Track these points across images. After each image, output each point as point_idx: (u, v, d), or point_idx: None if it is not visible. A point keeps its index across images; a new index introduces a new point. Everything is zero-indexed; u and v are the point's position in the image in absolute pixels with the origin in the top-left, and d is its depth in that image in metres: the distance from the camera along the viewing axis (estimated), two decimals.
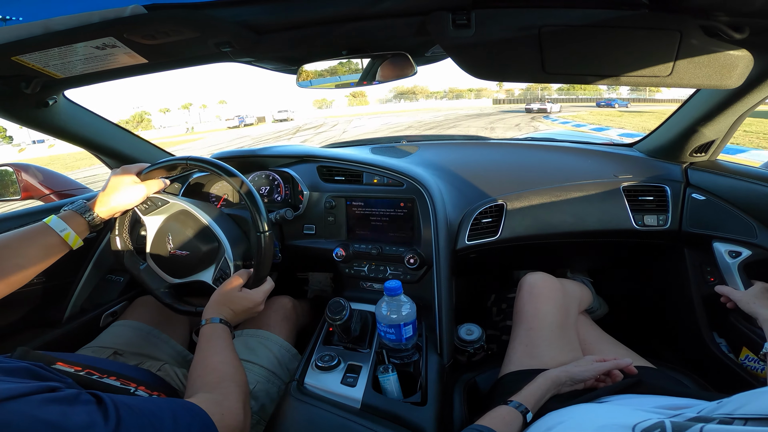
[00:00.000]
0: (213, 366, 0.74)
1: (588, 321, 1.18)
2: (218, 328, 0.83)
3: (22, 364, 0.51)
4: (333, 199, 1.26)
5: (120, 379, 0.68)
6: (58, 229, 0.79)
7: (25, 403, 0.41)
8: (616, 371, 0.85)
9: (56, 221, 0.80)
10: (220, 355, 0.77)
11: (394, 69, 0.99)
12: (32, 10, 0.65)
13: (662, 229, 1.25)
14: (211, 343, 0.79)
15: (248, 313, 0.92)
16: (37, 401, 0.42)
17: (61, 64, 0.86)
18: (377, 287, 1.21)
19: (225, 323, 0.85)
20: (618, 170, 1.37)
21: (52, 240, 0.79)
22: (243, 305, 0.90)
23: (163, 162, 0.95)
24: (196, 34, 0.76)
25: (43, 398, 0.43)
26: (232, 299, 0.89)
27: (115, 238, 1.02)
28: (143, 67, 0.93)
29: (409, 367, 0.89)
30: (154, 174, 0.96)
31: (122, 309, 1.26)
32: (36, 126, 1.17)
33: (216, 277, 0.98)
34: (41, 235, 0.78)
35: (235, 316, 0.89)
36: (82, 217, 0.84)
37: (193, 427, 0.55)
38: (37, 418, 0.41)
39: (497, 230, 1.24)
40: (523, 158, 1.54)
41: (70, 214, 0.83)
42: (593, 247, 1.51)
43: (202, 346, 0.79)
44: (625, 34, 0.70)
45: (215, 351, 0.77)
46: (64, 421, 0.42)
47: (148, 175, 0.96)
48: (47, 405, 0.43)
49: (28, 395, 0.42)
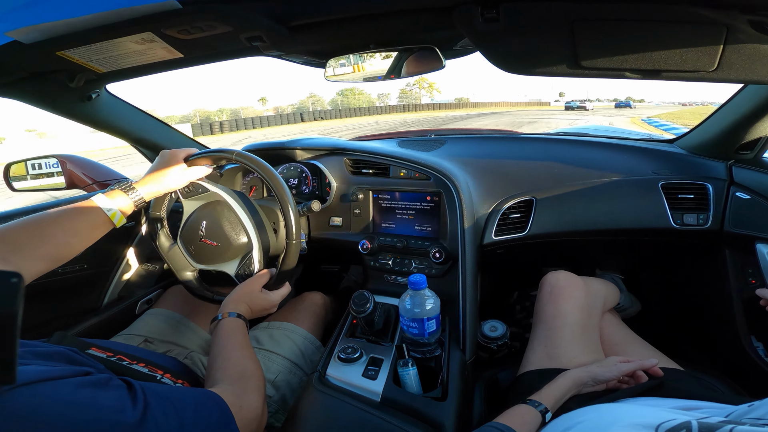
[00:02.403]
0: (235, 360, 0.76)
1: (615, 320, 1.14)
2: (239, 323, 0.85)
3: (58, 348, 0.53)
4: (360, 191, 1.27)
5: (148, 366, 0.70)
6: (104, 207, 0.80)
7: (59, 386, 0.43)
8: (640, 372, 0.82)
9: (102, 198, 0.81)
10: (241, 350, 0.79)
11: (422, 63, 0.98)
12: (75, 7, 0.68)
13: (702, 229, 1.19)
14: (232, 338, 0.81)
15: (262, 313, 0.95)
16: (71, 384, 0.44)
17: (103, 59, 0.91)
18: (401, 281, 1.21)
19: (243, 319, 0.88)
20: (657, 167, 1.31)
21: (97, 217, 0.79)
22: (261, 305, 0.93)
23: (211, 151, 0.97)
24: (228, 28, 0.78)
25: (77, 381, 0.45)
26: (252, 297, 0.92)
27: (153, 215, 1.05)
28: (179, 61, 0.96)
29: (430, 362, 0.89)
30: (200, 161, 0.97)
31: (157, 297, 1.31)
32: (80, 119, 1.23)
33: (238, 272, 1.00)
34: (87, 211, 0.78)
35: (251, 314, 0.92)
36: (127, 195, 0.85)
37: (212, 416, 0.57)
38: (70, 400, 0.43)
39: (526, 226, 1.22)
40: (554, 153, 1.50)
41: (116, 193, 0.84)
42: (627, 246, 1.46)
43: (223, 339, 0.81)
44: (666, 27, 0.66)
45: (237, 346, 0.79)
46: (95, 404, 0.44)
47: (194, 162, 0.97)
48: (80, 388, 0.45)
49: (62, 378, 0.44)
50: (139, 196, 0.87)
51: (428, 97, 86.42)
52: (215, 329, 0.84)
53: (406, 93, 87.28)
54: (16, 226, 0.69)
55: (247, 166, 0.94)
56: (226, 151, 0.96)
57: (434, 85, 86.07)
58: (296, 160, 1.40)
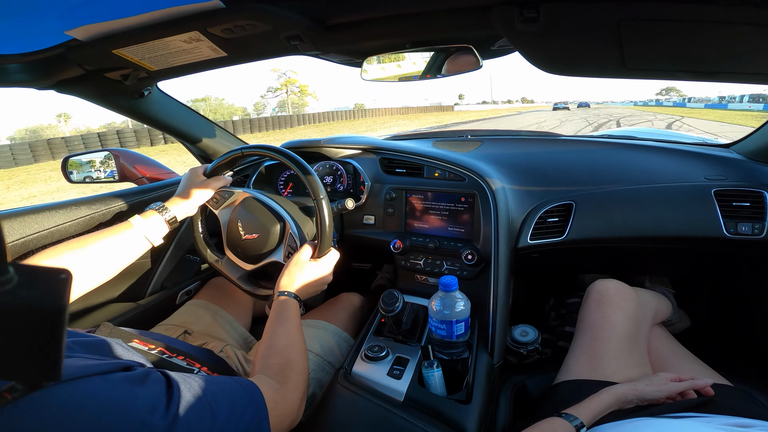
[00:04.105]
0: (278, 349, 0.76)
1: (664, 333, 1.08)
2: (289, 304, 0.85)
3: (102, 339, 0.56)
4: (393, 191, 1.28)
5: (187, 359, 0.73)
6: (142, 230, 0.87)
7: (98, 382, 0.44)
8: (691, 391, 0.77)
9: (139, 221, 0.88)
10: (287, 338, 0.78)
11: (459, 62, 0.97)
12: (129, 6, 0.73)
13: (758, 239, 1.11)
14: (280, 322, 0.81)
15: (318, 285, 0.94)
16: (111, 380, 0.46)
17: (154, 57, 0.96)
18: (432, 281, 1.21)
19: (296, 298, 0.87)
20: (709, 172, 1.23)
21: (136, 240, 0.87)
22: (313, 275, 0.92)
23: (223, 156, 1.04)
24: (268, 27, 0.81)
25: (116, 378, 0.46)
26: (302, 269, 0.91)
27: (197, 237, 1.12)
28: (223, 60, 1.00)
29: (457, 365, 0.88)
30: (218, 170, 1.05)
31: (197, 288, 1.36)
32: (133, 115, 1.31)
33: (286, 255, 1.02)
34: (127, 235, 0.85)
35: (306, 289, 0.91)
36: (162, 216, 0.92)
37: (246, 414, 0.57)
38: (105, 399, 0.43)
39: (564, 230, 1.18)
40: (597, 156, 1.44)
41: (151, 214, 0.91)
42: (674, 255, 1.38)
43: (272, 323, 0.81)
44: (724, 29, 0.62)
45: (283, 332, 0.79)
46: (129, 402, 0.45)
47: (213, 172, 1.05)
48: (118, 384, 0.46)
49: (101, 374, 0.46)
50: (171, 216, 0.94)
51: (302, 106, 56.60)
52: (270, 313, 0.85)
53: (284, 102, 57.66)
54: (62, 251, 0.74)
55: (255, 152, 1.03)
56: (234, 150, 1.03)
57: (307, 90, 56.69)
58: (331, 158, 1.42)
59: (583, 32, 0.68)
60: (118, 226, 0.86)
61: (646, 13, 0.63)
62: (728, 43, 0.63)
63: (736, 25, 0.61)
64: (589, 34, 0.68)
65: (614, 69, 0.72)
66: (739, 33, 0.62)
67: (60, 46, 0.88)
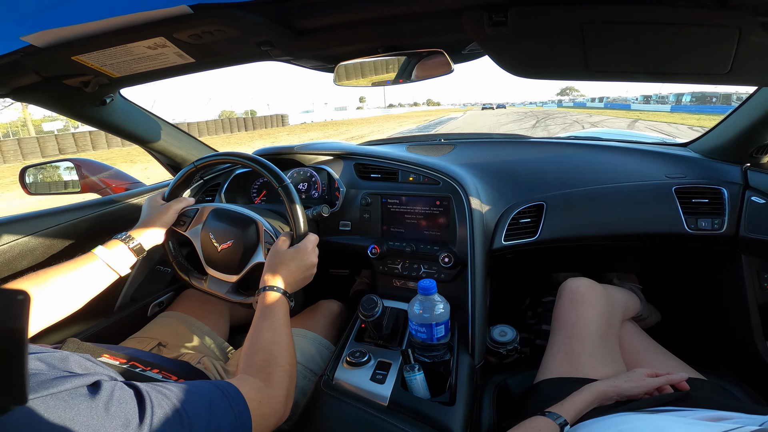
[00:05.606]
0: (261, 345, 0.72)
1: (635, 329, 1.12)
2: (273, 298, 0.80)
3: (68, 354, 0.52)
4: (369, 196, 1.27)
5: (162, 372, 0.70)
6: (107, 260, 0.84)
7: (65, 399, 0.42)
8: (667, 386, 0.80)
9: (103, 252, 0.84)
10: (271, 332, 0.74)
11: (431, 67, 0.98)
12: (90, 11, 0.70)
13: (717, 234, 1.17)
14: (264, 317, 0.77)
15: (304, 271, 0.88)
16: (78, 397, 0.43)
17: (116, 63, 0.92)
18: (411, 285, 1.21)
19: (283, 293, 0.82)
20: (670, 171, 1.29)
21: (101, 271, 0.83)
22: (295, 262, 0.86)
23: (177, 177, 1.02)
24: (238, 33, 0.79)
25: (84, 394, 0.44)
26: (282, 259, 0.86)
27: (174, 265, 1.07)
28: (191, 66, 0.97)
29: (439, 367, 0.89)
30: (176, 192, 1.03)
31: (169, 300, 1.31)
32: (94, 123, 1.25)
33: (266, 253, 0.99)
34: (91, 267, 0.82)
35: (292, 277, 0.85)
36: (126, 246, 0.88)
37: (225, 419, 0.55)
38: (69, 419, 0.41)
39: (536, 231, 1.21)
40: (565, 158, 1.49)
41: (115, 244, 0.88)
42: (639, 251, 1.44)
43: (256, 319, 0.77)
44: (676, 30, 0.65)
45: (266, 327, 0.75)
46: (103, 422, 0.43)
47: (171, 195, 1.03)
48: (86, 402, 0.43)
49: (70, 390, 0.43)
50: (137, 244, 0.91)
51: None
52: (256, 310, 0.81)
53: None
54: (25, 284, 0.72)
55: (209, 162, 1.02)
56: (187, 167, 1.02)
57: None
58: (305, 165, 1.40)
59: (549, 35, 0.70)
60: (81, 258, 0.82)
61: (607, 15, 0.66)
62: (680, 44, 0.67)
63: (686, 26, 0.64)
64: (555, 37, 0.70)
65: (578, 71, 0.75)
66: (689, 34, 0.65)
67: (15, 52, 0.83)
